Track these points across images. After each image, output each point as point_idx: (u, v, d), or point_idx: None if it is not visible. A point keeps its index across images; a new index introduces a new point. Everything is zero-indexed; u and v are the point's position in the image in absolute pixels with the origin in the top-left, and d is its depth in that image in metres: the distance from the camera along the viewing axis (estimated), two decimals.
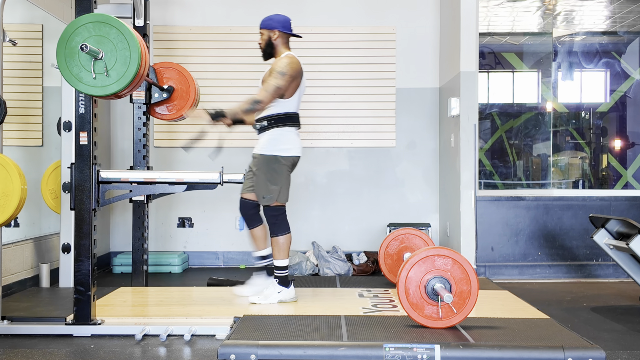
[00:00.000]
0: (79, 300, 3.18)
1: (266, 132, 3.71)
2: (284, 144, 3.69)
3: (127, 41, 2.91)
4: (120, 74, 2.93)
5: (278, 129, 3.70)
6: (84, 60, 2.91)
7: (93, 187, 3.22)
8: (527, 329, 3.11)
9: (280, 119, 3.70)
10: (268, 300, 3.68)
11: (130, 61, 2.92)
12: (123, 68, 2.93)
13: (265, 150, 3.69)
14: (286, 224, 3.74)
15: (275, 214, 3.71)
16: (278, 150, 3.67)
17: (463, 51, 5.02)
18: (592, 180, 7.82)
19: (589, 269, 5.11)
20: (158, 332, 3.17)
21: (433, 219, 5.78)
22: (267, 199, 3.68)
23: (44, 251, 4.58)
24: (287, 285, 3.73)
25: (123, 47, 2.91)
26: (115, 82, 2.93)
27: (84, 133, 3.21)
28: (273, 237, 3.72)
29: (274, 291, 3.71)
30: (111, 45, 2.92)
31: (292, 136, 3.75)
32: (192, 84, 4.34)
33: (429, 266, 3.06)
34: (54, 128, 4.71)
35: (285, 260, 3.72)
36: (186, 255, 5.62)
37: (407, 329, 3.07)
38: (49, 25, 4.79)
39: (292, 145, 3.73)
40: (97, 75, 2.91)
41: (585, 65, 8.00)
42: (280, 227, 3.71)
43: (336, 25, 5.77)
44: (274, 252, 3.72)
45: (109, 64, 2.92)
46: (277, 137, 3.69)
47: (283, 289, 3.71)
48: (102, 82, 2.94)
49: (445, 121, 5.53)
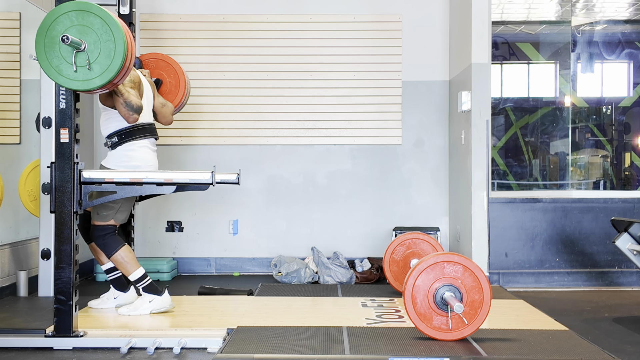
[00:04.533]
0: (59, 310, 3.18)
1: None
2: (134, 161, 3.72)
3: (112, 32, 2.91)
4: (103, 68, 2.93)
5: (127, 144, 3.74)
6: (65, 52, 2.91)
7: (75, 188, 3.22)
8: (544, 341, 3.12)
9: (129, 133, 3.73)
10: (138, 312, 3.69)
11: (115, 54, 2.92)
12: (107, 61, 2.93)
13: (110, 165, 3.73)
14: (117, 239, 3.74)
15: (103, 233, 3.73)
16: (125, 167, 3.71)
17: (475, 41, 5.02)
18: (614, 180, 7.82)
19: (610, 276, 5.11)
20: (145, 344, 3.17)
21: (442, 223, 5.78)
22: (101, 217, 3.72)
23: (21, 257, 4.58)
24: (157, 292, 3.73)
25: (107, 39, 2.91)
26: (98, 76, 2.94)
27: (65, 130, 3.21)
28: (110, 257, 3.74)
29: (144, 301, 3.71)
30: (95, 36, 2.92)
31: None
32: (182, 77, 4.34)
33: (438, 273, 3.06)
34: (33, 124, 4.71)
35: (137, 270, 3.72)
36: (175, 262, 5.62)
37: (414, 341, 3.07)
38: (27, 13, 4.79)
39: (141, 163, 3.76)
40: (78, 68, 2.91)
41: (606, 57, 8.01)
42: (111, 244, 3.72)
43: (337, 14, 5.77)
44: (121, 269, 3.74)
45: (91, 56, 2.92)
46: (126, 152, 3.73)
47: (154, 297, 3.72)
48: (84, 76, 2.94)
49: (456, 117, 5.53)
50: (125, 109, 3.58)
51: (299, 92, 5.73)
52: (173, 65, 4.36)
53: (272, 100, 5.71)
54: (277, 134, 5.73)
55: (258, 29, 5.72)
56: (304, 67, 5.73)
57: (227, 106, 5.71)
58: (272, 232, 5.76)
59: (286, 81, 5.72)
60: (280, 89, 5.72)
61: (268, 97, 5.71)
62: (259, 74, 5.70)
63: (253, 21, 5.73)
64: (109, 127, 3.74)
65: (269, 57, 5.71)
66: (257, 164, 5.74)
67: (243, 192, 5.69)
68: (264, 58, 5.71)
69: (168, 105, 4.11)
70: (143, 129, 3.78)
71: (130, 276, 3.72)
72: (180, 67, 4.38)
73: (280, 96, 5.72)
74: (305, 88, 5.74)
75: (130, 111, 3.58)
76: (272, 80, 5.71)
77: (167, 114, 4.09)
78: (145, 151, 3.78)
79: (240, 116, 5.71)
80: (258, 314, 3.76)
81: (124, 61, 2.93)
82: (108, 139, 3.74)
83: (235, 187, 5.55)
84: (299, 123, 5.74)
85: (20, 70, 4.80)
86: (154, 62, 4.36)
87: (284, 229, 5.77)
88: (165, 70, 4.35)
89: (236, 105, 5.72)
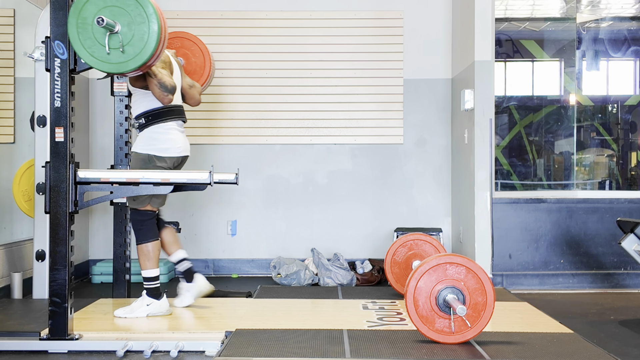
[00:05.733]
0: (54, 313, 3.18)
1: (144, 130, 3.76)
2: (162, 143, 3.73)
3: (146, 13, 2.90)
4: (137, 50, 2.92)
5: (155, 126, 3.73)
6: (97, 34, 2.90)
7: (70, 188, 3.22)
8: (549, 344, 3.11)
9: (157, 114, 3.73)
10: (134, 314, 3.69)
11: (149, 36, 2.91)
12: (140, 43, 2.91)
13: (139, 148, 3.74)
14: (154, 230, 3.77)
15: (142, 219, 3.74)
16: (155, 150, 3.72)
17: (478, 38, 5.02)
18: (620, 180, 7.81)
19: (616, 278, 5.11)
20: (142, 347, 3.16)
21: (445, 224, 5.78)
22: (138, 202, 3.72)
23: (16, 259, 4.58)
24: (157, 297, 3.75)
25: (141, 21, 2.90)
26: (132, 59, 2.93)
27: (60, 129, 3.20)
28: (139, 245, 3.75)
29: (142, 304, 3.73)
30: (128, 17, 2.90)
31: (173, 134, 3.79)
32: (207, 56, 4.27)
33: (441, 275, 3.06)
34: (27, 123, 4.71)
35: (154, 270, 3.75)
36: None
37: (416, 344, 3.07)
38: (21, 10, 4.79)
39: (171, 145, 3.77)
40: (111, 50, 2.90)
41: (612, 54, 7.99)
42: (146, 233, 3.74)
43: (337, 10, 5.77)
44: (141, 261, 3.75)
45: (124, 38, 2.91)
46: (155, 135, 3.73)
47: (153, 302, 3.73)
48: (117, 58, 2.93)
49: (458, 116, 5.53)
50: (159, 90, 3.56)
51: (298, 91, 5.73)
52: (198, 44, 4.30)
53: (272, 99, 5.72)
54: (276, 133, 5.73)
55: (257, 25, 5.72)
56: (304, 65, 5.73)
57: (226, 105, 5.71)
58: (271, 233, 5.76)
59: (285, 79, 5.72)
60: (280, 87, 5.72)
61: (267, 96, 5.71)
62: (257, 72, 5.70)
63: (252, 18, 5.74)
64: (137, 107, 3.74)
65: (268, 55, 5.72)
66: (256, 164, 5.74)
67: (242, 192, 5.69)
68: (263, 56, 5.71)
69: (196, 86, 4.07)
70: (170, 111, 3.76)
71: (144, 272, 3.74)
72: (206, 46, 4.32)
73: (279, 94, 5.72)
74: (304, 86, 5.74)
75: (165, 92, 3.57)
76: (271, 78, 5.72)
77: (195, 94, 4.04)
78: (173, 133, 3.77)
79: (239, 115, 5.71)
80: (257, 316, 3.76)
81: (158, 43, 2.92)
82: (136, 120, 3.75)
83: (234, 187, 5.55)
84: (298, 122, 5.74)
85: (14, 68, 4.80)
86: (179, 41, 4.31)
87: (284, 229, 5.77)
88: (191, 50, 4.30)
89: (235, 104, 5.72)
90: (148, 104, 3.70)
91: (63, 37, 3.12)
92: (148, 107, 3.70)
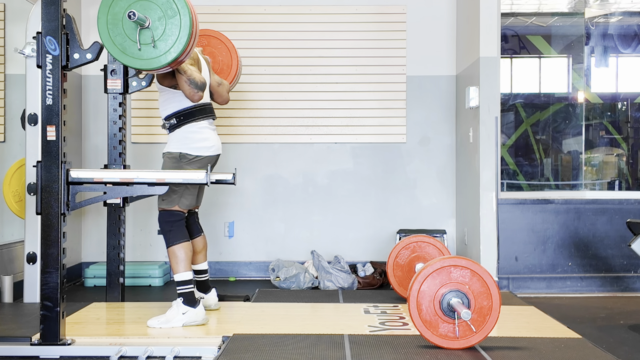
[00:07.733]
0: (46, 317, 3.18)
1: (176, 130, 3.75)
2: (196, 142, 3.73)
3: (178, 8, 2.91)
4: (169, 45, 2.93)
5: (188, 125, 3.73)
6: (128, 29, 2.91)
7: (62, 189, 3.22)
8: (556, 350, 3.12)
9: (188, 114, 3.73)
10: (170, 324, 3.57)
11: (181, 31, 2.92)
12: (172, 38, 2.93)
13: (171, 148, 3.73)
14: (183, 232, 3.74)
15: (171, 219, 3.72)
16: (189, 149, 3.71)
17: (483, 34, 5.02)
18: (630, 180, 7.81)
19: (626, 281, 5.12)
20: (136, 353, 3.17)
21: (449, 225, 5.78)
22: (167, 202, 3.71)
23: (6, 261, 4.58)
24: (193, 304, 3.63)
25: (172, 15, 2.91)
26: (163, 54, 2.94)
27: (52, 127, 3.21)
28: (169, 248, 3.71)
29: (178, 312, 3.60)
30: (159, 12, 2.92)
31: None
32: (234, 55, 4.27)
33: (445, 278, 3.06)
34: (18, 121, 4.71)
35: (187, 272, 3.67)
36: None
37: (420, 350, 3.07)
38: (11, 4, 4.80)
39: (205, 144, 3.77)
40: (142, 46, 2.91)
41: (622, 50, 8.00)
42: (176, 235, 3.71)
43: (338, 5, 5.78)
44: (172, 264, 3.69)
45: (156, 33, 2.92)
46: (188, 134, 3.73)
47: (189, 310, 3.60)
48: (149, 54, 2.94)
49: (463, 113, 5.53)
50: (189, 87, 3.53)
51: (298, 88, 5.73)
52: (225, 42, 4.30)
53: (270, 96, 5.72)
54: (275, 131, 5.74)
55: (255, 21, 5.72)
56: (304, 61, 5.74)
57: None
58: (269, 234, 5.76)
59: (284, 76, 5.72)
60: (279, 84, 5.72)
61: (265, 93, 5.72)
62: (255, 69, 5.70)
63: (250, 13, 5.74)
64: (167, 108, 3.71)
65: (267, 51, 5.72)
66: (254, 163, 5.75)
67: (239, 192, 5.70)
68: (261, 52, 5.71)
69: (224, 84, 4.05)
70: (202, 110, 3.74)
71: (176, 275, 3.65)
72: (233, 44, 4.32)
73: (278, 92, 5.72)
74: (304, 83, 5.75)
75: (195, 89, 3.54)
76: (269, 75, 5.72)
77: (223, 92, 4.03)
78: (206, 132, 3.76)
79: (236, 113, 5.71)
80: (255, 321, 3.77)
81: (190, 38, 2.93)
82: (166, 120, 3.72)
83: (231, 188, 5.56)
84: (298, 120, 5.74)
85: (4, 64, 4.81)
86: (206, 39, 4.31)
87: (283, 231, 5.77)
88: (218, 48, 4.30)
89: (231, 102, 5.69)
90: (178, 104, 3.67)
91: (55, 33, 3.12)
92: (179, 107, 3.68)
